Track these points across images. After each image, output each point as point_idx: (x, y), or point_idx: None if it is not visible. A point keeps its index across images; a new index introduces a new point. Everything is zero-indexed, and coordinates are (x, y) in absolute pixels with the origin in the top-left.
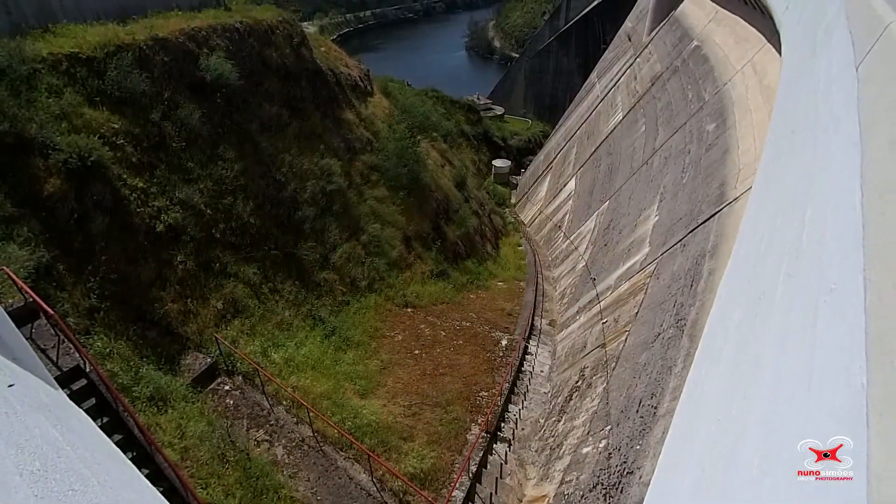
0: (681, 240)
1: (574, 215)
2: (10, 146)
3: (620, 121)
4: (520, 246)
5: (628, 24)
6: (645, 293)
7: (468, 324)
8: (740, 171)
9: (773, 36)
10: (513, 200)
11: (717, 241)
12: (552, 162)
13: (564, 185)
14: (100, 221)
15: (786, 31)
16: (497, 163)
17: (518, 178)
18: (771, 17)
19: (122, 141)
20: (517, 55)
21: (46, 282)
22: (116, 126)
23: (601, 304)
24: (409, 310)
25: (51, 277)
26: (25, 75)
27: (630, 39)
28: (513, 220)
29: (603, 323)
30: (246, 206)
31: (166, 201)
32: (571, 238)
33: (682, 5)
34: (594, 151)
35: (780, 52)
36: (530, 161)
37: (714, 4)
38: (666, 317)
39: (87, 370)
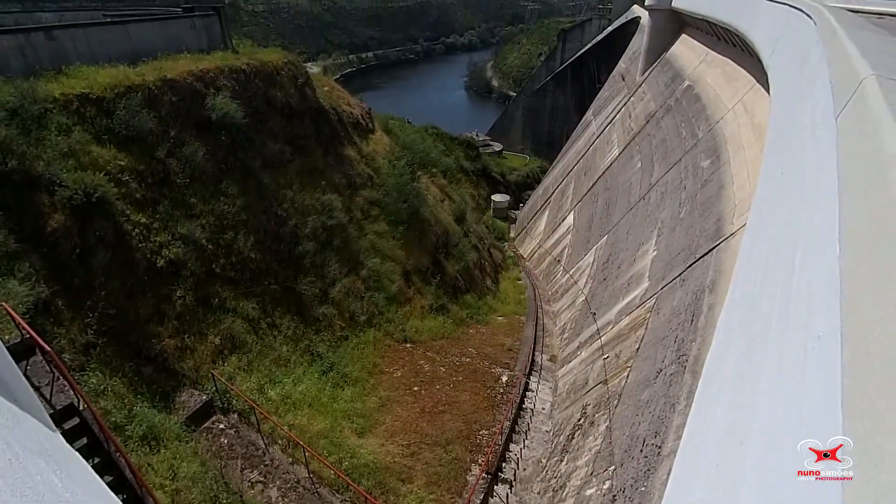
0: (680, 274)
1: (573, 249)
2: (17, 183)
3: (617, 157)
4: (519, 280)
5: (622, 65)
6: (646, 328)
7: (468, 359)
8: (736, 207)
9: (761, 76)
10: (512, 234)
11: (716, 275)
12: (550, 196)
13: (563, 220)
14: (101, 257)
15: (773, 73)
16: (496, 197)
17: (517, 212)
18: (759, 59)
19: (127, 177)
20: (515, 94)
21: (44, 317)
22: (123, 163)
23: (602, 339)
24: (408, 345)
25: (49, 313)
26: (36, 115)
27: (624, 79)
28: (512, 254)
29: (604, 359)
30: (247, 241)
31: (168, 236)
32: (571, 272)
33: (672, 48)
34: (592, 186)
35: (769, 92)
36: (529, 196)
37: (704, 47)
38: (667, 353)
39: (81, 408)
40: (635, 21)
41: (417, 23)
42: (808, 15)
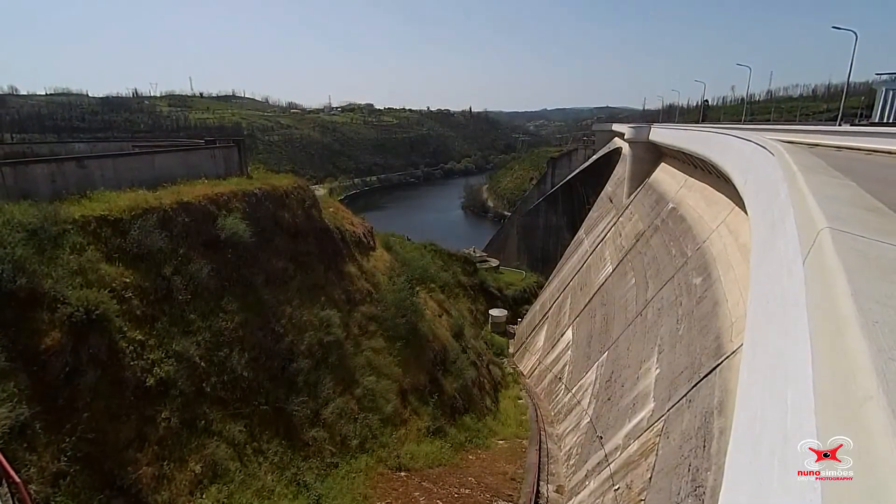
0: (685, 395)
1: (574, 367)
2: (21, 300)
3: (611, 273)
4: (520, 399)
5: (608, 188)
6: (656, 455)
7: (467, 490)
8: (733, 324)
9: (739, 201)
10: (511, 350)
11: (723, 396)
12: (548, 312)
13: (562, 335)
14: (90, 376)
15: (749, 202)
16: (494, 312)
17: (515, 327)
18: (734, 186)
19: (130, 294)
20: (509, 213)
21: (18, 442)
22: (128, 280)
23: (611, 466)
24: (402, 473)
25: (24, 437)
26: (54, 235)
27: (612, 201)
28: (511, 370)
29: (615, 490)
30: (241, 358)
31: (162, 354)
32: (573, 391)
33: (654, 174)
34: (588, 302)
35: (747, 213)
36: (527, 310)
37: (682, 174)
38: (682, 483)
39: None
40: (617, 151)
41: (418, 151)
42: (771, 153)
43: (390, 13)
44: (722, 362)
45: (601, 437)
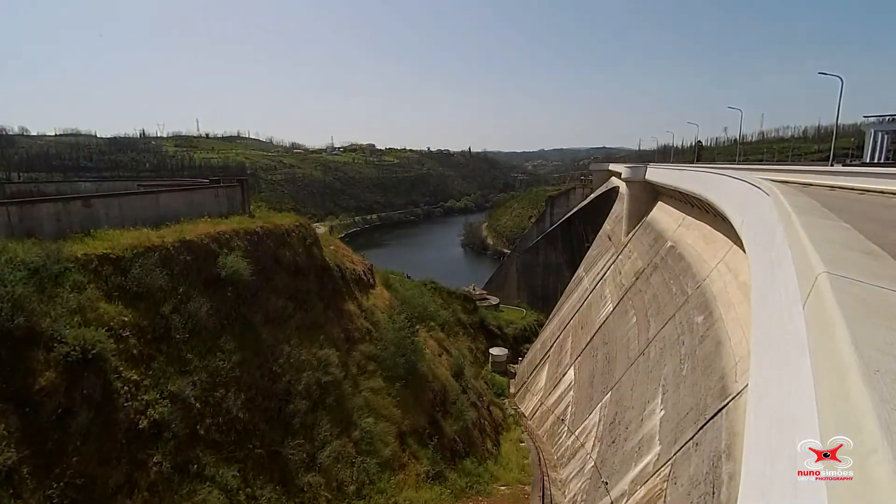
0: (692, 437)
1: (576, 408)
2: (18, 339)
3: (611, 312)
4: (522, 442)
5: (607, 226)
6: (664, 501)
7: None
8: (737, 364)
9: (737, 239)
10: (512, 390)
11: (731, 439)
12: (549, 351)
13: (563, 375)
14: (83, 417)
15: (747, 241)
16: (494, 351)
17: (516, 366)
18: (731, 224)
19: (128, 333)
20: (508, 251)
21: (4, 488)
22: (126, 318)
23: None
24: None
25: (10, 483)
26: (55, 273)
27: (610, 239)
28: (513, 412)
29: None
30: (237, 399)
31: (157, 394)
32: (576, 433)
33: (652, 212)
34: (590, 340)
35: (745, 252)
36: (527, 349)
37: (680, 212)
38: None
39: None
40: (615, 190)
41: (418, 189)
42: (766, 193)
43: (392, 56)
44: (728, 403)
45: (606, 483)
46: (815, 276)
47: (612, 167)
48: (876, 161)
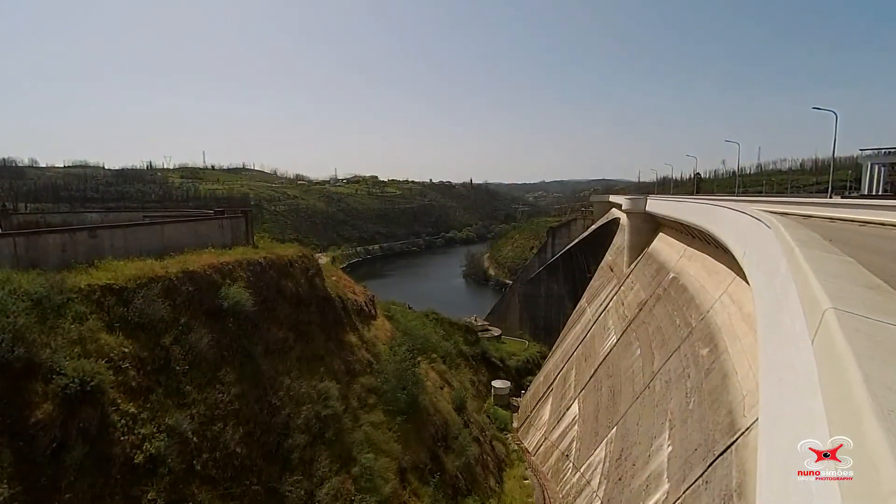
0: (701, 475)
1: (582, 443)
2: (17, 370)
3: (615, 343)
4: (525, 479)
5: (608, 257)
6: None
7: None
8: (745, 398)
9: (739, 271)
10: (515, 424)
11: (742, 478)
12: (552, 383)
13: (567, 409)
14: (78, 452)
15: (750, 273)
16: (496, 384)
17: (518, 399)
18: (733, 256)
19: (127, 364)
20: (510, 282)
21: None
22: (127, 350)
23: None
24: None
25: None
26: (58, 304)
27: (612, 270)
28: (516, 447)
29: None
30: (235, 433)
31: (153, 428)
32: (581, 470)
33: (653, 243)
34: (594, 374)
35: (749, 283)
36: (530, 381)
37: (681, 244)
38: None
39: None
40: (615, 221)
41: (421, 220)
42: (767, 226)
43: (395, 90)
44: (737, 439)
45: None
46: (822, 312)
47: (613, 198)
48: (874, 193)
